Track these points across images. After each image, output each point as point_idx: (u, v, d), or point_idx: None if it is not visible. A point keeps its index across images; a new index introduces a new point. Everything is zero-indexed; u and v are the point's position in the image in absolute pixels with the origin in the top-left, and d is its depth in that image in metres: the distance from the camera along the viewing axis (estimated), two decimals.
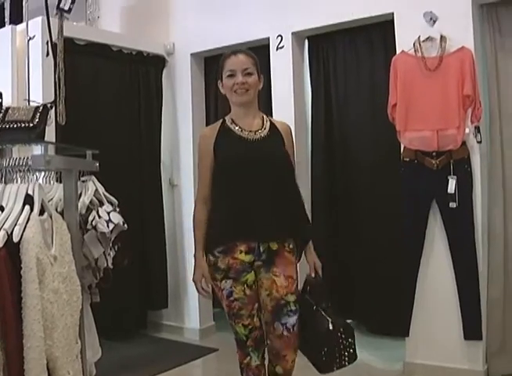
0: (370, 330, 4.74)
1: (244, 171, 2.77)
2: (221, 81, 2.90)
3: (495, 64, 3.73)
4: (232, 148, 2.83)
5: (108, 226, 2.76)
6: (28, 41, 4.10)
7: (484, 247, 3.66)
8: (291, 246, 2.84)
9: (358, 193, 4.44)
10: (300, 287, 2.88)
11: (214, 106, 5.20)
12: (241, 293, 2.77)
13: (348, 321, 4.83)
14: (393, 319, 4.07)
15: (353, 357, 2.77)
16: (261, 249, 2.78)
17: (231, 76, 2.82)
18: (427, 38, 3.68)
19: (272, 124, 2.90)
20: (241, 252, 2.76)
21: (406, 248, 3.81)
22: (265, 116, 2.94)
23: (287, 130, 2.94)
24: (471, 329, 3.62)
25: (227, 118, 2.94)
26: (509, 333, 3.68)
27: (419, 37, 3.69)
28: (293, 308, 2.77)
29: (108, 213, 2.82)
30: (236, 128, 2.87)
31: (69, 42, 4.11)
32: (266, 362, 2.87)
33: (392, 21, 3.94)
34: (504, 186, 3.70)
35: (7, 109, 2.80)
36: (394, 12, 3.91)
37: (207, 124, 5.19)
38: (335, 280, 4.46)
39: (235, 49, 2.91)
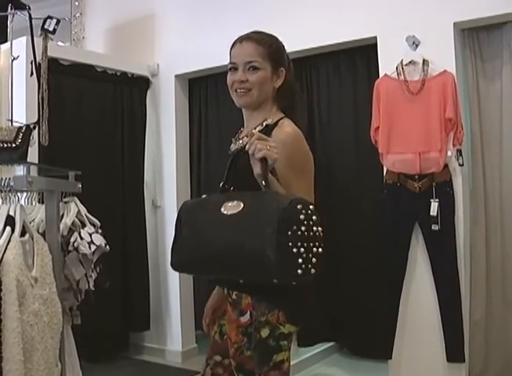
0: (353, 352, 4.72)
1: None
2: None
3: (476, 88, 3.77)
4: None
5: (90, 248, 2.76)
6: (12, 60, 4.09)
7: (466, 269, 3.67)
8: (234, 296, 2.10)
9: (340, 215, 4.44)
10: None
11: (198, 127, 5.20)
12: None
13: (331, 343, 4.85)
14: (376, 341, 4.06)
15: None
16: None
17: (232, 70, 2.19)
18: (410, 62, 3.71)
19: (265, 131, 2.08)
20: None
21: (389, 270, 3.82)
22: (268, 120, 2.14)
23: (277, 140, 1.98)
24: (454, 351, 3.61)
25: None
26: (491, 355, 3.69)
27: (401, 61, 3.73)
28: None
29: (90, 234, 2.81)
30: (233, 138, 2.26)
31: (53, 62, 4.10)
32: None
33: (375, 45, 3.97)
34: (486, 208, 3.73)
35: None
36: (378, 36, 3.94)
37: (191, 145, 5.20)
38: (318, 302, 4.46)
39: (248, 32, 2.24)
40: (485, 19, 3.60)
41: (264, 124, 2.14)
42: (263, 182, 1.89)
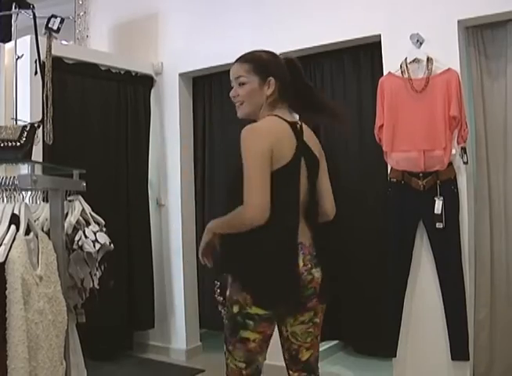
0: (357, 350, 4.72)
1: None
2: None
3: (480, 86, 3.76)
4: None
5: (94, 246, 2.76)
6: (16, 59, 4.09)
7: (471, 268, 3.67)
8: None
9: (345, 214, 4.43)
10: None
11: (202, 125, 5.20)
12: None
13: (335, 342, 4.85)
14: (380, 339, 4.05)
15: None
16: None
17: (232, 88, 2.52)
18: (414, 60, 3.71)
19: None
20: None
21: (393, 269, 3.81)
22: None
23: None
24: (458, 349, 3.61)
25: None
26: (496, 353, 3.68)
27: (406, 59, 3.72)
28: None
29: (94, 233, 2.82)
30: None
31: (57, 61, 4.12)
32: None
33: (379, 43, 3.97)
34: (491, 206, 3.72)
35: None
36: (382, 33, 3.94)
37: (195, 143, 5.20)
38: None
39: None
40: (490, 17, 3.59)
41: None
42: None
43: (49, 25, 3.75)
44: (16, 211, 2.42)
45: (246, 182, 2.27)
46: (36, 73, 3.87)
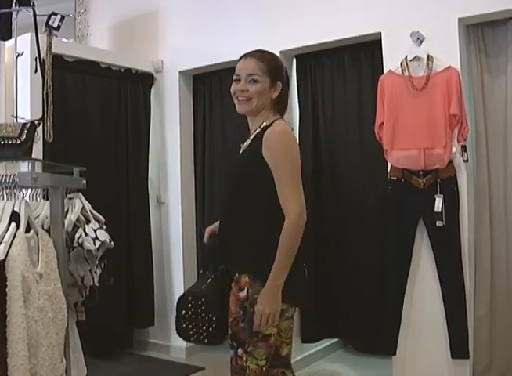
0: (357, 348, 4.73)
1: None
2: None
3: (481, 84, 3.76)
4: None
5: (94, 244, 2.76)
6: (16, 57, 4.09)
7: (471, 266, 3.67)
8: (236, 275, 2.52)
9: (345, 212, 4.43)
10: None
11: (202, 123, 5.20)
12: None
13: (335, 339, 4.86)
14: (380, 337, 4.05)
15: (213, 339, 2.58)
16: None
17: (236, 81, 2.56)
18: (414, 58, 3.71)
19: (261, 132, 2.50)
20: None
21: (393, 267, 3.81)
22: (265, 122, 2.54)
23: (266, 137, 2.45)
24: (458, 347, 3.61)
25: None
26: (496, 352, 3.68)
27: (406, 57, 3.72)
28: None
29: (95, 231, 2.81)
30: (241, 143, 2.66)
31: (58, 59, 4.11)
32: None
33: (380, 41, 3.96)
34: (491, 204, 3.72)
35: None
36: (382, 31, 3.93)
37: (195, 141, 5.20)
38: (321, 298, 4.45)
39: (252, 50, 2.61)
40: (490, 15, 3.59)
41: (261, 126, 2.52)
42: None
43: (49, 23, 3.75)
44: (16, 209, 2.42)
45: (290, 186, 2.46)
46: (36, 70, 3.86)
